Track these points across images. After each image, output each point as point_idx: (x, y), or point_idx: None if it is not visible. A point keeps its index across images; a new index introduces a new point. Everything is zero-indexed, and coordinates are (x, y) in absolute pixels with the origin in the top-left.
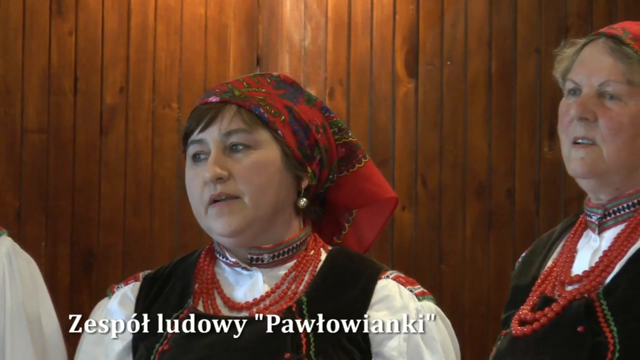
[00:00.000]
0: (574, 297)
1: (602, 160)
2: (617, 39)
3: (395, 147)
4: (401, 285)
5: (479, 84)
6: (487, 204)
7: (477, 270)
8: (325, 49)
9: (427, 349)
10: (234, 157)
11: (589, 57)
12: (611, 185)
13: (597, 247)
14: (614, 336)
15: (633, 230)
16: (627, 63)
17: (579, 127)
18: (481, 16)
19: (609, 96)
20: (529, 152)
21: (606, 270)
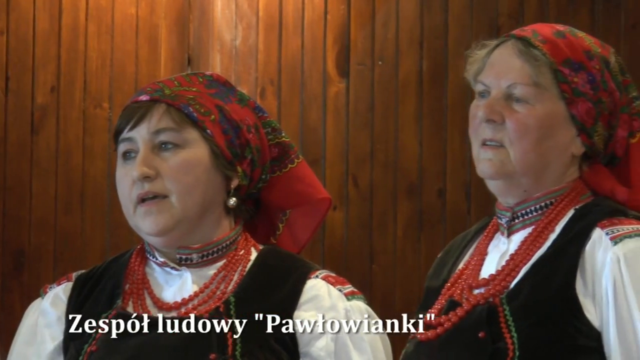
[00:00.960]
0: (478, 302)
1: (509, 162)
2: (527, 41)
3: (326, 146)
4: (330, 285)
5: (410, 84)
6: (418, 203)
7: (408, 270)
8: (256, 49)
9: (354, 348)
10: (163, 156)
11: (498, 60)
12: (519, 187)
13: (505, 250)
14: (513, 342)
15: (539, 235)
16: (534, 65)
17: (487, 129)
18: (412, 16)
19: (516, 98)
20: (460, 152)
21: (511, 274)
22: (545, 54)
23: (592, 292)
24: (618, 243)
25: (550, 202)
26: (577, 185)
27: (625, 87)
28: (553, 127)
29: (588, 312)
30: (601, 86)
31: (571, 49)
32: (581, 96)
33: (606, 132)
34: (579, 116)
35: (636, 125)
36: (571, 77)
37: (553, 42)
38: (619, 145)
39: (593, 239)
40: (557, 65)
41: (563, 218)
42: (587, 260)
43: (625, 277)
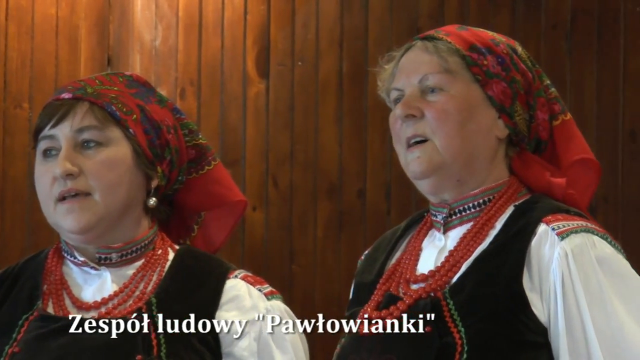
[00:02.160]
0: (420, 296)
1: (437, 153)
2: (430, 37)
3: (246, 147)
4: (250, 285)
5: (330, 85)
6: (338, 204)
7: (328, 270)
8: (176, 49)
9: (277, 348)
10: (85, 154)
11: (407, 63)
12: (452, 177)
13: (443, 247)
14: (461, 337)
15: (479, 231)
16: (441, 55)
17: (408, 128)
18: (332, 16)
19: (430, 90)
20: (380, 153)
21: (452, 269)
22: (451, 43)
23: (539, 287)
24: (565, 238)
25: (489, 199)
26: (513, 182)
27: (538, 75)
28: (472, 109)
29: (535, 307)
30: (512, 67)
31: (476, 37)
32: (494, 77)
33: (526, 114)
34: (495, 97)
35: (557, 108)
36: (480, 60)
37: (456, 33)
38: (541, 128)
39: (539, 235)
40: (464, 50)
41: (502, 215)
42: (533, 255)
43: (573, 272)
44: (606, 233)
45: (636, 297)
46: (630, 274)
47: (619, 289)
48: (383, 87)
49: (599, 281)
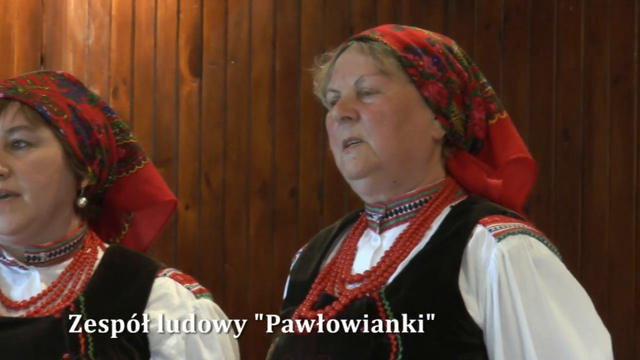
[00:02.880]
0: (355, 296)
1: (373, 154)
2: (366, 37)
3: (178, 146)
4: (178, 283)
5: (263, 83)
6: (270, 203)
7: (261, 270)
8: (109, 48)
9: (205, 346)
10: (16, 154)
11: (342, 64)
12: (388, 178)
13: (378, 247)
14: (396, 337)
15: (415, 231)
16: (377, 56)
17: (345, 130)
18: (265, 15)
19: (366, 92)
20: (312, 152)
21: (388, 270)
22: (386, 44)
23: (475, 288)
24: (502, 240)
25: (425, 200)
26: (449, 183)
27: (475, 74)
28: (408, 111)
29: (471, 308)
30: (448, 67)
31: (411, 37)
32: (430, 78)
33: (462, 114)
34: (432, 97)
35: (493, 107)
36: (416, 61)
37: (392, 34)
38: (478, 127)
39: (475, 236)
40: (400, 51)
41: (439, 215)
42: (469, 257)
43: (509, 273)
44: (542, 235)
45: (572, 299)
46: (566, 275)
47: (555, 290)
48: (319, 88)
49: (535, 283)
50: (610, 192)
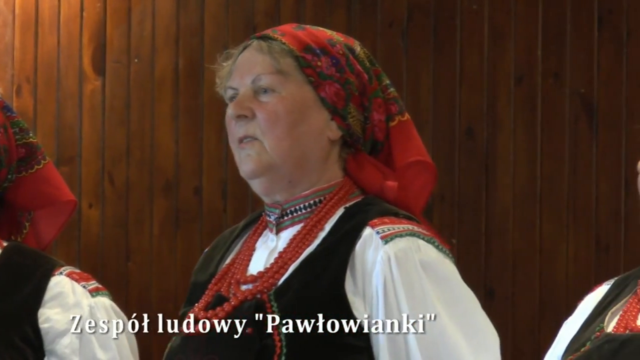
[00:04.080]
0: (246, 297)
1: (265, 153)
2: (266, 36)
3: (82, 144)
4: (74, 282)
5: (167, 82)
6: (174, 201)
7: (164, 268)
8: (12, 46)
9: (99, 346)
10: None
11: (242, 62)
12: (283, 178)
13: (274, 247)
14: (281, 339)
15: (309, 232)
16: (275, 55)
17: (240, 128)
18: (168, 14)
19: (263, 90)
20: (216, 150)
21: (279, 271)
22: (285, 43)
23: (362, 291)
24: (389, 242)
25: (320, 200)
26: (345, 184)
27: (377, 75)
28: (304, 111)
29: (357, 310)
30: (347, 68)
31: (312, 37)
32: (327, 79)
33: (361, 115)
34: (328, 98)
35: (394, 109)
36: (314, 61)
37: (292, 34)
38: (377, 129)
39: (363, 238)
40: (298, 52)
41: (333, 216)
42: (357, 258)
43: (395, 276)
44: (434, 237)
45: (459, 303)
46: (455, 279)
47: (442, 294)
48: (221, 85)
49: (422, 286)
50: (514, 190)
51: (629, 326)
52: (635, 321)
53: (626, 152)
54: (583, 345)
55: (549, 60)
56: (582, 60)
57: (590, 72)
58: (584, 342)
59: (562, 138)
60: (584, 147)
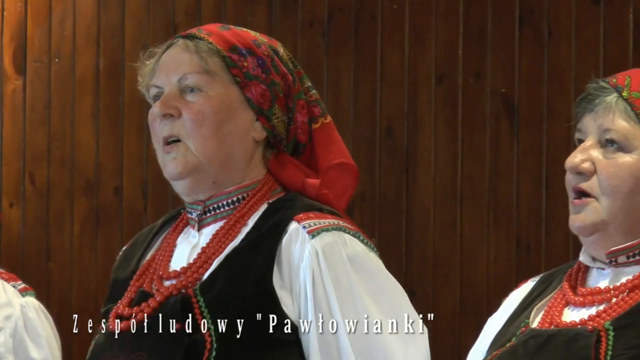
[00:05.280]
0: (171, 293)
1: (192, 155)
2: (192, 35)
3: (3, 144)
4: (4, 281)
5: (87, 82)
6: (95, 201)
7: (85, 268)
8: None
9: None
10: None
11: (167, 60)
12: (208, 179)
13: (196, 243)
14: (211, 334)
15: (232, 228)
16: (202, 55)
17: (165, 127)
18: (89, 14)
19: (189, 89)
20: (136, 150)
21: (203, 266)
22: (212, 43)
23: (289, 285)
24: (316, 236)
25: (242, 197)
26: (268, 180)
27: (299, 77)
28: (230, 112)
29: (285, 305)
30: (272, 70)
31: (237, 38)
32: (254, 79)
33: (285, 116)
34: (254, 99)
35: (316, 111)
36: (241, 62)
37: (218, 34)
38: (300, 130)
39: (290, 232)
40: (225, 52)
41: (256, 212)
42: (284, 253)
43: (323, 270)
44: (358, 231)
45: (387, 295)
46: (382, 272)
47: (370, 287)
48: (143, 83)
49: (349, 279)
50: (435, 190)
51: (554, 321)
52: (560, 317)
53: (547, 152)
54: (508, 340)
55: (470, 60)
56: (503, 60)
57: (511, 71)
58: (509, 337)
59: (482, 138)
60: (505, 147)
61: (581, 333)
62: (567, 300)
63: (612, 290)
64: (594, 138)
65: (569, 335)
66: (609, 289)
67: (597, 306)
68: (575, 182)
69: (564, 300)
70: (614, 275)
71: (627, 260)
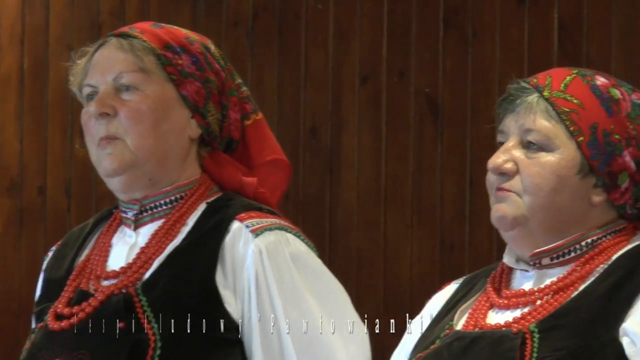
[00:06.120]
0: (112, 292)
1: (128, 151)
2: (125, 34)
3: None
4: None
5: (11, 81)
6: (18, 201)
7: (8, 268)
8: None
9: None
10: None
11: (100, 59)
12: (144, 176)
13: (134, 243)
14: (154, 333)
15: (171, 227)
16: (137, 54)
17: (101, 126)
18: (13, 13)
19: (125, 88)
20: (60, 150)
21: (144, 266)
22: (146, 41)
23: (232, 284)
24: (259, 235)
25: (181, 196)
26: (205, 180)
27: (231, 74)
28: (166, 109)
29: (228, 304)
30: (206, 67)
31: (171, 36)
32: (188, 77)
33: (219, 113)
34: (189, 97)
35: (248, 108)
36: (175, 59)
37: (151, 32)
38: (233, 127)
39: (233, 232)
40: (159, 49)
41: (195, 212)
42: (227, 252)
43: (267, 269)
44: (299, 231)
45: (330, 295)
46: (324, 271)
47: (313, 286)
48: (74, 82)
49: (292, 278)
50: (359, 190)
51: (478, 324)
52: (485, 319)
53: (470, 152)
54: (432, 342)
55: (394, 60)
56: (427, 60)
57: (435, 71)
58: (433, 339)
59: (406, 137)
60: (429, 147)
61: (506, 335)
62: (491, 302)
63: (537, 293)
64: (515, 138)
65: (493, 338)
66: (533, 291)
67: (521, 308)
68: (498, 183)
69: (489, 303)
70: (537, 277)
71: (551, 262)
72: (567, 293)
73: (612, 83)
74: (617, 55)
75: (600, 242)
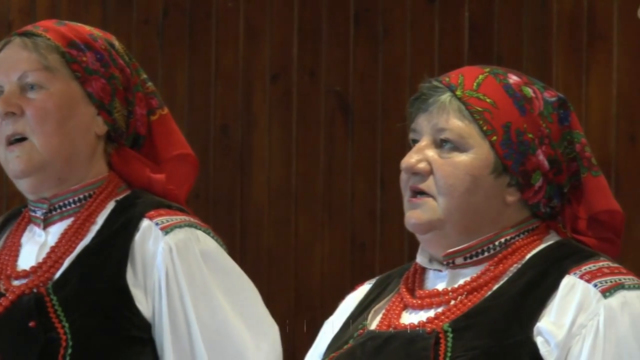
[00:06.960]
0: (23, 292)
1: (37, 152)
2: (29, 33)
3: None
4: None
5: None
6: None
7: None
8: None
9: None
10: None
11: (5, 58)
12: (53, 176)
13: (43, 242)
14: (66, 332)
15: (81, 226)
16: (41, 52)
17: (8, 126)
18: None
19: (30, 87)
20: None
21: (55, 265)
22: (50, 39)
23: (143, 282)
24: (169, 233)
25: (89, 195)
26: (113, 178)
27: (136, 70)
28: (72, 107)
29: (139, 302)
30: (111, 63)
31: (74, 33)
32: (93, 74)
33: (125, 110)
34: (95, 93)
35: (154, 103)
36: (80, 57)
37: (55, 29)
38: (140, 123)
39: (142, 230)
40: (64, 47)
41: (104, 210)
42: (137, 250)
43: (177, 266)
44: (209, 228)
45: (240, 292)
46: (234, 268)
47: (223, 283)
48: None
49: (203, 276)
50: (270, 188)
51: (392, 324)
52: (399, 319)
53: (381, 151)
54: (346, 342)
55: (304, 58)
56: (338, 58)
57: (346, 70)
58: (347, 339)
59: (317, 136)
60: (340, 145)
61: (420, 335)
62: (405, 303)
63: (451, 292)
64: (429, 138)
65: (407, 337)
66: (447, 291)
67: (435, 308)
68: (412, 182)
69: (402, 303)
70: (451, 277)
71: (464, 262)
72: (481, 293)
73: (524, 81)
74: (528, 54)
75: (514, 242)
